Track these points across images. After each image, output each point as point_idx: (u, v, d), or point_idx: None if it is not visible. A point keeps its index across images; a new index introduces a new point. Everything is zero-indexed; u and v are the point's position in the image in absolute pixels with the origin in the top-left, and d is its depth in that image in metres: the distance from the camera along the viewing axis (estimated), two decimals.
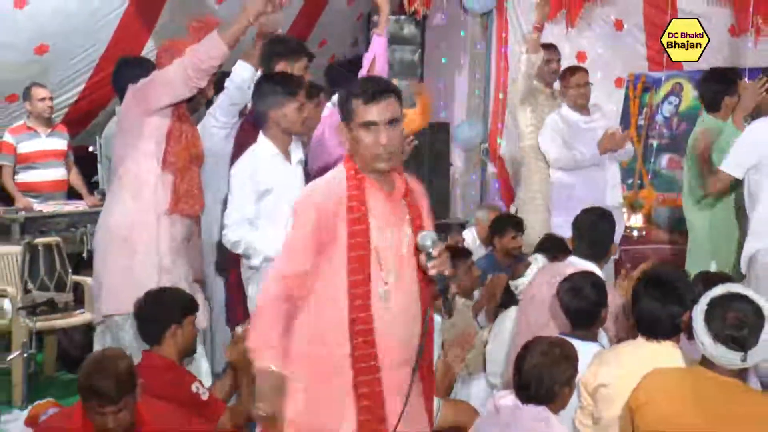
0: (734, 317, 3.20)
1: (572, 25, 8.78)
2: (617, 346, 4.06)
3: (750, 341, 3.18)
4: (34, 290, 5.86)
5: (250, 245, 4.51)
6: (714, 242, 5.61)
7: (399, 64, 9.27)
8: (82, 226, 6.87)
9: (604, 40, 8.73)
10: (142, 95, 4.42)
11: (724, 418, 3.22)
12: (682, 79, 8.20)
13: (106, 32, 7.36)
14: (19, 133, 7.16)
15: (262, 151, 4.59)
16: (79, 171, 7.46)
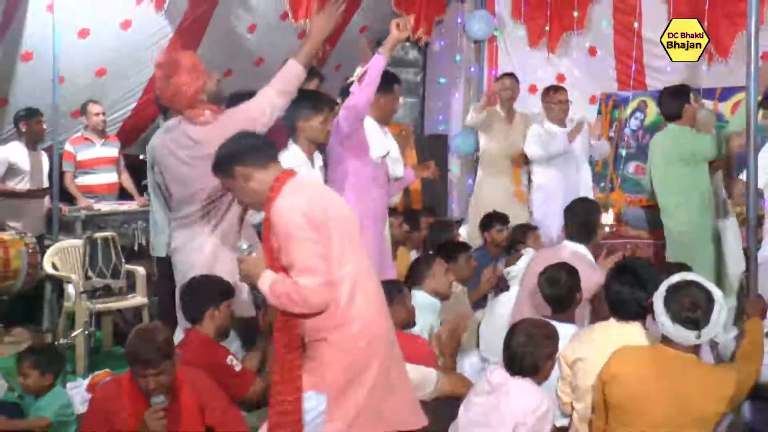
0: (689, 301, 3.24)
1: (553, 51, 8.77)
2: (592, 326, 4.07)
3: (703, 321, 3.22)
4: (93, 277, 5.87)
5: None
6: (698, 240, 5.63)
7: (404, 83, 9.23)
8: (134, 223, 6.90)
9: (580, 64, 8.70)
10: (230, 126, 3.95)
11: (681, 389, 3.24)
12: (647, 97, 8.19)
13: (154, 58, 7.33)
14: (77, 143, 7.18)
15: (292, 157, 4.58)
16: (129, 175, 7.47)
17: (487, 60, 9.24)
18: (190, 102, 4.10)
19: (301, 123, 4.59)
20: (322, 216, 3.13)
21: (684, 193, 5.68)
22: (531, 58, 8.96)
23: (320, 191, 3.38)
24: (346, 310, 3.11)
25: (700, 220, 5.66)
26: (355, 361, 3.12)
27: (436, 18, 9.24)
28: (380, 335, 3.19)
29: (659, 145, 5.90)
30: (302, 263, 3.05)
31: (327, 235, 3.11)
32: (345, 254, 3.14)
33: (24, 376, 4.18)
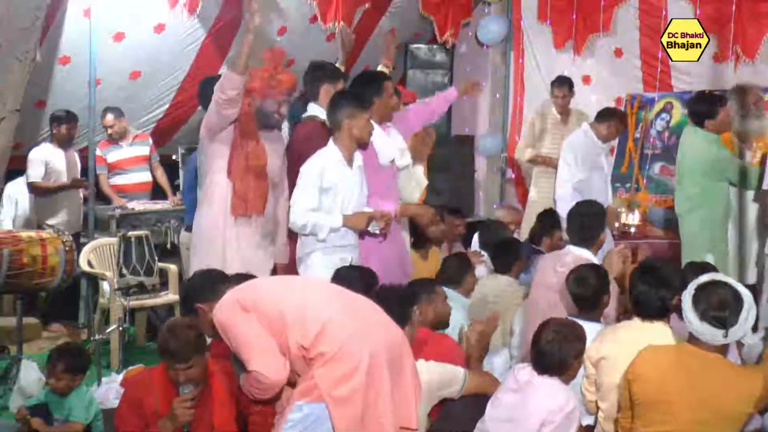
0: (717, 300, 3.22)
1: (578, 53, 8.70)
2: (617, 325, 4.05)
3: (731, 320, 3.20)
4: (127, 275, 5.89)
5: (316, 223, 4.55)
6: (710, 238, 5.56)
7: (431, 85, 9.24)
8: (167, 221, 6.95)
9: (605, 66, 8.62)
10: (204, 123, 4.65)
11: (707, 387, 3.22)
12: (672, 98, 8.11)
13: (187, 60, 7.41)
14: (105, 146, 7.23)
15: (330, 155, 4.61)
16: (164, 172, 7.50)
17: (513, 61, 9.21)
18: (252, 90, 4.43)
19: (347, 122, 4.61)
20: (251, 296, 3.23)
21: (696, 200, 5.63)
22: (556, 59, 8.90)
23: (253, 281, 3.49)
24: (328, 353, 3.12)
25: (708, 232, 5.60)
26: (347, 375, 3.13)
27: (462, 21, 9.22)
28: (369, 353, 3.17)
29: (683, 144, 5.85)
30: (245, 350, 3.15)
31: (266, 311, 3.20)
32: (306, 310, 3.21)
33: (56, 379, 4.17)
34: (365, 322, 3.28)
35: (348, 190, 4.64)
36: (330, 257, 4.58)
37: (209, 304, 3.34)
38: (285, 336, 3.14)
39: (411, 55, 9.22)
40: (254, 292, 3.29)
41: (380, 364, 3.16)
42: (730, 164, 5.62)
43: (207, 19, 7.19)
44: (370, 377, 3.13)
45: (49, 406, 4.17)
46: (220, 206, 4.64)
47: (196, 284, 3.54)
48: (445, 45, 9.17)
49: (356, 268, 4.35)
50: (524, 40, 9.11)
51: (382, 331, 3.30)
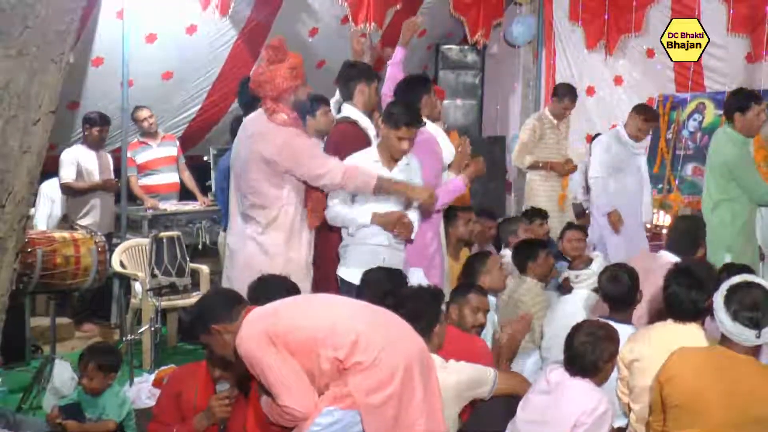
0: (750, 300, 3.20)
1: (610, 54, 8.67)
2: (649, 327, 4.01)
3: (764, 321, 3.17)
4: (159, 275, 5.94)
5: (346, 217, 4.58)
6: (730, 237, 5.50)
7: (462, 86, 9.24)
8: (198, 222, 6.98)
9: (637, 66, 8.59)
10: (293, 161, 4.32)
11: (740, 390, 3.19)
12: (705, 99, 8.06)
13: (218, 61, 7.46)
14: (134, 147, 7.24)
15: (367, 155, 4.65)
16: (191, 174, 7.54)
17: (544, 62, 9.19)
18: (277, 94, 4.23)
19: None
20: (278, 324, 3.20)
21: (716, 198, 5.56)
22: (588, 60, 8.87)
23: (274, 306, 3.41)
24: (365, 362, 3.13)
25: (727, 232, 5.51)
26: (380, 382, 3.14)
27: (494, 21, 9.20)
28: (404, 362, 3.19)
29: (711, 143, 5.80)
30: (276, 386, 3.13)
31: (296, 337, 3.18)
32: (335, 329, 3.19)
33: (89, 379, 4.18)
34: (394, 333, 3.30)
35: None
36: (361, 253, 4.59)
37: (225, 325, 3.30)
38: (317, 355, 3.15)
39: (442, 55, 9.22)
40: (280, 320, 3.25)
41: (413, 373, 3.20)
42: (745, 171, 5.50)
43: (239, 20, 7.23)
44: (404, 386, 3.16)
45: (82, 406, 4.20)
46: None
47: (211, 304, 3.45)
48: (476, 46, 9.16)
49: (384, 270, 4.35)
50: (555, 41, 9.09)
51: (411, 341, 3.33)
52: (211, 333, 3.34)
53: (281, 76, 4.20)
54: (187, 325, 6.41)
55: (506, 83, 9.56)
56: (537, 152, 7.15)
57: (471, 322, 4.28)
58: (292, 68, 4.23)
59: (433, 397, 3.29)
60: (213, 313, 3.36)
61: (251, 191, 4.35)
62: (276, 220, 4.31)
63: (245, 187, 4.37)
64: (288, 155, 4.26)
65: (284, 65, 4.21)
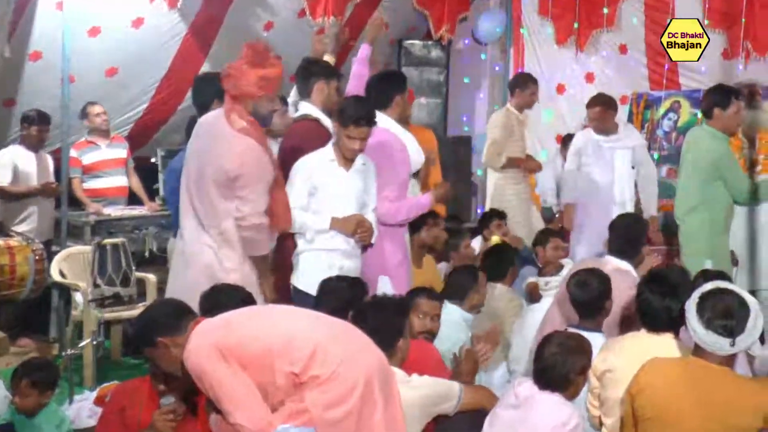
0: (722, 307, 3.21)
1: (581, 50, 8.75)
2: (622, 336, 4.04)
3: (737, 329, 3.19)
4: (102, 285, 5.89)
5: (303, 223, 4.58)
6: (711, 242, 5.55)
7: (426, 83, 9.26)
8: (145, 228, 6.93)
9: (610, 63, 8.68)
10: (244, 184, 4.27)
11: (714, 401, 3.21)
12: (680, 97, 8.16)
13: (167, 57, 7.41)
14: (81, 147, 7.16)
15: (323, 155, 4.67)
16: (139, 179, 7.48)
17: (513, 58, 9.24)
18: (238, 94, 4.19)
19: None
20: (230, 337, 3.17)
21: (695, 200, 5.61)
22: (558, 56, 8.94)
23: (226, 317, 3.38)
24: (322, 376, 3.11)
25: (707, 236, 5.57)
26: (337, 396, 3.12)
27: (459, 16, 9.23)
28: (364, 376, 3.18)
29: (687, 142, 5.86)
30: (227, 403, 3.09)
31: (250, 351, 3.15)
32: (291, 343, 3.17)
33: (22, 396, 4.08)
34: (354, 345, 3.29)
35: (340, 193, 4.64)
36: (317, 261, 4.58)
37: (172, 338, 3.26)
38: (271, 370, 3.12)
39: (405, 51, 9.24)
40: (233, 332, 3.22)
41: (373, 387, 3.19)
42: (730, 169, 5.57)
43: (189, 13, 7.20)
44: (364, 400, 3.14)
45: (15, 427, 4.09)
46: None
47: (157, 315, 3.39)
48: (441, 41, 9.18)
49: (344, 279, 4.33)
50: (524, 36, 9.15)
51: (371, 354, 3.31)
52: (157, 346, 3.29)
53: (248, 80, 4.17)
54: (131, 338, 6.34)
55: (472, 80, 9.59)
56: (508, 150, 7.18)
57: (418, 328, 4.26)
58: (263, 78, 4.17)
59: (395, 412, 3.29)
60: (159, 325, 3.31)
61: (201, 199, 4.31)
62: (227, 233, 4.26)
63: (195, 192, 4.33)
64: (244, 176, 4.22)
65: (256, 71, 4.17)
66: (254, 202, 4.20)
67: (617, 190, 6.87)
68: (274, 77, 4.24)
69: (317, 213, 4.63)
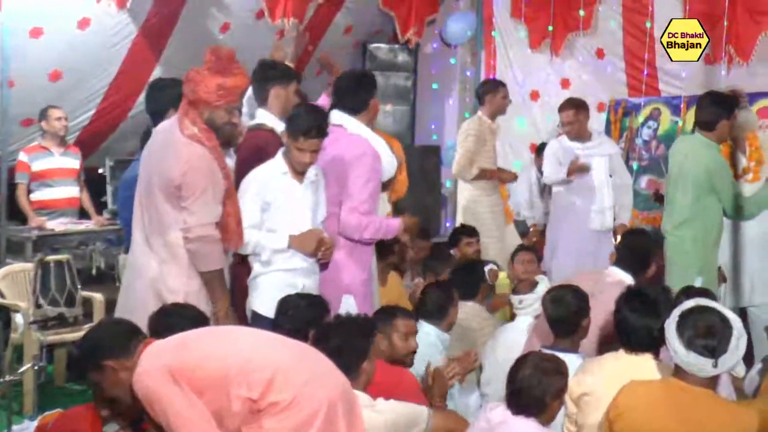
0: (704, 326, 3.23)
1: (556, 54, 8.82)
2: (600, 357, 4.04)
3: (720, 348, 3.21)
4: (45, 305, 5.83)
5: (258, 242, 4.54)
6: (702, 257, 5.61)
7: (393, 89, 9.29)
8: (92, 244, 6.87)
9: (586, 68, 8.76)
10: (188, 193, 4.25)
11: (696, 426, 3.22)
12: (660, 104, 8.22)
13: (116, 60, 7.37)
14: (33, 152, 7.11)
15: (274, 167, 4.62)
16: (88, 192, 7.42)
17: (484, 63, 9.30)
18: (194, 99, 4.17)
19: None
20: (184, 360, 3.16)
21: (687, 213, 5.67)
22: (532, 61, 9.01)
23: (178, 339, 3.36)
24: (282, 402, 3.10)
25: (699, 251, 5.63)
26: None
27: (427, 18, 9.28)
28: (326, 402, 3.17)
29: (678, 152, 5.88)
30: (179, 430, 3.07)
31: (205, 374, 3.13)
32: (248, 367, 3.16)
33: None
34: (315, 369, 3.28)
35: (295, 207, 4.62)
36: (276, 283, 4.55)
37: (120, 361, 3.23)
38: (227, 395, 3.10)
39: (370, 55, 9.27)
40: (186, 354, 3.20)
41: (336, 414, 3.18)
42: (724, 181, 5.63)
43: (139, 14, 7.18)
44: (326, 427, 3.12)
45: None
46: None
47: (103, 336, 3.35)
48: (408, 44, 9.22)
49: (304, 297, 4.32)
50: (496, 39, 9.21)
51: (333, 379, 3.30)
52: (104, 369, 3.26)
53: (206, 86, 4.15)
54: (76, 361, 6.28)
55: (442, 86, 9.63)
56: (480, 160, 7.21)
57: (403, 350, 4.27)
58: (222, 87, 4.15)
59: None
60: (106, 346, 3.28)
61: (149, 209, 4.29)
62: (172, 247, 4.24)
63: (144, 201, 4.31)
64: (188, 184, 4.19)
65: (216, 79, 4.15)
66: (199, 213, 4.16)
67: (598, 198, 6.92)
68: (234, 87, 4.22)
69: (272, 231, 4.59)
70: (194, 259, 4.21)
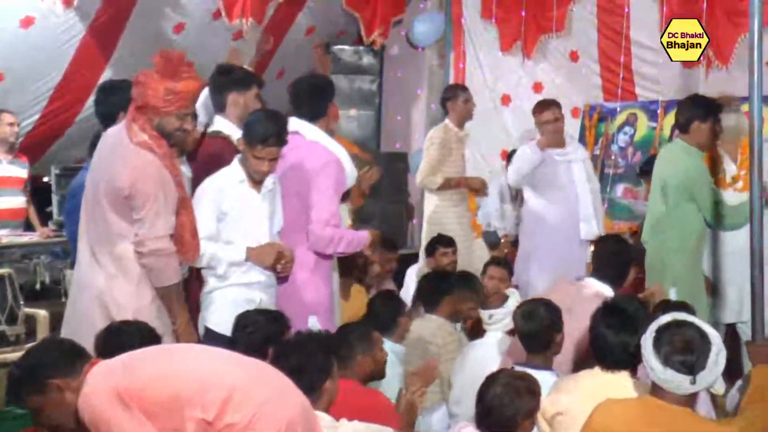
0: (681, 341, 3.23)
1: (528, 57, 8.85)
2: (575, 375, 4.05)
3: (698, 364, 3.20)
4: None
5: (213, 255, 4.51)
6: (677, 268, 5.64)
7: (357, 93, 9.28)
8: (36, 257, 6.77)
9: (560, 71, 8.79)
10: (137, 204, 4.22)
11: None
12: (637, 109, 8.29)
13: (62, 61, 7.31)
14: None
15: (231, 175, 4.59)
16: (33, 203, 7.34)
17: (453, 66, 9.30)
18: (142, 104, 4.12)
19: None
20: (133, 381, 3.13)
21: (664, 221, 5.70)
22: (504, 63, 9.04)
23: (127, 358, 3.34)
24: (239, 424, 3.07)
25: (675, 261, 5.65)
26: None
27: (393, 18, 9.29)
28: (285, 423, 3.15)
29: (660, 158, 5.97)
30: None
31: (156, 396, 3.10)
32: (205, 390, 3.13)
33: None
34: (274, 389, 3.26)
35: (253, 218, 4.60)
36: (232, 298, 4.52)
37: (65, 381, 3.18)
38: (180, 417, 3.07)
39: (333, 57, 9.26)
40: (135, 375, 3.17)
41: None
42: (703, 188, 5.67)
43: (87, 13, 7.13)
44: None
45: None
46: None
47: (47, 355, 3.29)
48: (374, 46, 9.22)
49: (264, 313, 4.30)
50: (466, 41, 9.23)
51: (292, 399, 3.28)
52: (48, 390, 3.20)
53: (154, 91, 4.11)
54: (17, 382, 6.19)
55: (408, 90, 9.64)
56: (445, 170, 7.22)
57: (383, 361, 4.29)
58: (171, 92, 4.10)
59: None
60: (50, 365, 3.22)
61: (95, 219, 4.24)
62: (120, 260, 4.19)
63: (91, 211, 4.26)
64: (138, 194, 4.14)
65: (165, 83, 4.10)
66: (152, 224, 4.11)
67: (582, 205, 6.95)
68: (184, 92, 4.16)
69: (229, 242, 4.57)
70: (149, 275, 4.17)
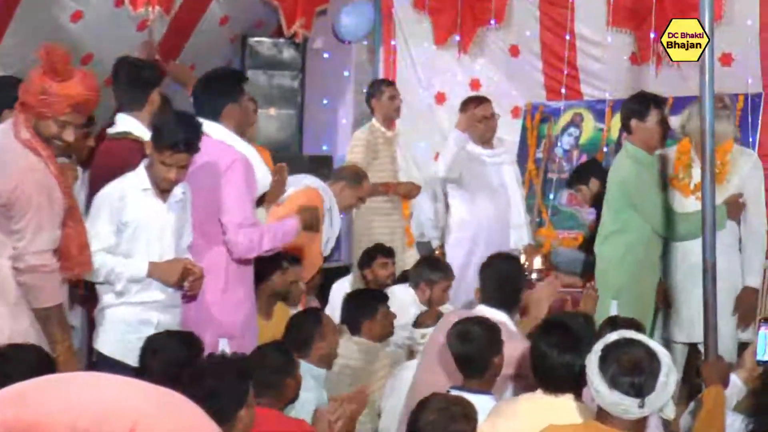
0: (629, 361, 3.25)
1: (465, 51, 8.88)
2: (515, 398, 4.09)
3: (647, 386, 3.23)
4: None
5: (112, 269, 4.47)
6: (618, 279, 5.74)
7: (277, 90, 9.24)
8: None
9: (499, 67, 8.84)
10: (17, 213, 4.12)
11: None
12: (582, 109, 8.36)
13: None
14: None
15: (134, 182, 4.57)
16: None
17: (383, 61, 9.32)
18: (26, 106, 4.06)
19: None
20: (26, 413, 3.13)
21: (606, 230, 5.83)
22: (438, 59, 9.06)
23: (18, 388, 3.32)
24: None
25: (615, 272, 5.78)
26: None
27: (317, 8, 9.28)
28: None
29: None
30: None
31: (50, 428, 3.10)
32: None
33: None
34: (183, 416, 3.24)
35: (156, 230, 4.57)
36: (124, 318, 4.52)
37: None
38: None
39: (250, 51, 9.20)
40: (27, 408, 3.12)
41: None
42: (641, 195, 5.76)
43: None
44: None
45: None
46: None
47: None
48: (295, 39, 9.20)
49: (175, 335, 4.29)
50: (397, 34, 9.25)
51: (203, 427, 3.27)
52: None
53: (32, 90, 4.04)
54: None
55: (334, 88, 9.64)
56: (372, 175, 7.22)
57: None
58: (45, 93, 4.00)
59: None
60: None
61: None
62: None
63: None
64: (18, 202, 4.06)
65: (43, 81, 4.02)
66: (32, 237, 4.04)
67: (514, 211, 7.02)
68: (62, 95, 4.03)
69: (128, 256, 4.53)
70: (27, 294, 4.09)
